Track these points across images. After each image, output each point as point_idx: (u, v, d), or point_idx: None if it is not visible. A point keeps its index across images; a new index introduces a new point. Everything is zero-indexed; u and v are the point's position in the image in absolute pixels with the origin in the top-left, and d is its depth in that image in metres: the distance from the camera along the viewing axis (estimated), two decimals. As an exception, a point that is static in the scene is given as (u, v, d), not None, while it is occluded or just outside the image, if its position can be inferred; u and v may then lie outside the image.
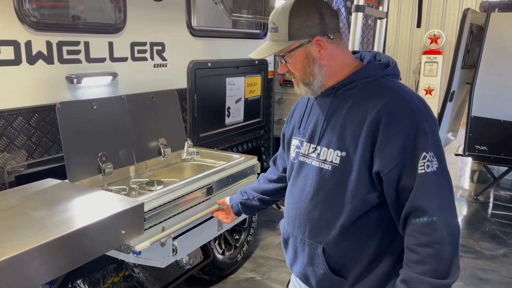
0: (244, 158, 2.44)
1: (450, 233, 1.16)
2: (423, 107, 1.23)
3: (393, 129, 1.17)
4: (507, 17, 4.62)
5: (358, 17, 1.87)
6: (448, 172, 1.21)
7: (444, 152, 1.22)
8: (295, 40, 1.24)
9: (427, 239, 1.15)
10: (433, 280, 1.14)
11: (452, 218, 1.19)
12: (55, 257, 1.35)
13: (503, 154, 4.75)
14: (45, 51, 1.93)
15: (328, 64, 1.28)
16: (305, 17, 1.22)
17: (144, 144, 2.37)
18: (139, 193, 2.07)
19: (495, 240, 4.00)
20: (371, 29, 4.76)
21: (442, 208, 1.17)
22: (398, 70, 1.32)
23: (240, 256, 3.33)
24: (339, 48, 1.29)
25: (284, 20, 1.23)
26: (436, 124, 1.23)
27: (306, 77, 1.29)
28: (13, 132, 1.85)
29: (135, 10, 2.32)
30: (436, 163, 1.16)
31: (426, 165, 1.15)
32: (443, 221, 1.16)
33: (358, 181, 1.24)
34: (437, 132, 1.21)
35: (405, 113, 1.18)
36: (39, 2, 2.05)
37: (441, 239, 1.15)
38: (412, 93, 1.26)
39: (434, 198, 1.16)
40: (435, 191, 1.16)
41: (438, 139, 1.20)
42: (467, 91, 5.09)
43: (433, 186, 1.16)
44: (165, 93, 2.56)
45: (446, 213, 1.17)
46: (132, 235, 1.62)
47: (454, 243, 1.17)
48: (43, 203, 1.62)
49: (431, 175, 1.15)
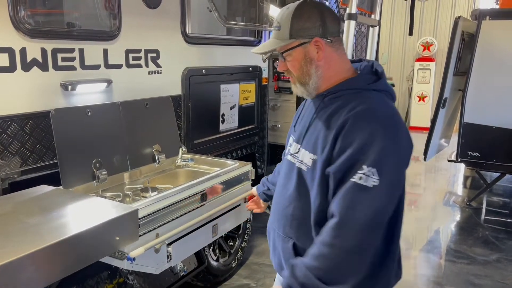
0: (238, 164, 2.45)
1: (354, 249, 1.17)
2: (390, 126, 1.21)
3: (350, 138, 1.19)
4: (498, 25, 4.68)
5: (351, 25, 1.90)
6: (389, 196, 1.18)
7: (398, 178, 1.20)
8: (296, 39, 1.29)
9: (330, 240, 1.18)
10: (312, 277, 1.17)
11: (363, 235, 1.16)
12: (49, 264, 1.35)
13: (495, 160, 4.80)
14: (40, 58, 1.94)
15: (324, 66, 1.31)
16: (307, 19, 1.28)
17: (139, 151, 2.38)
18: (133, 200, 2.07)
19: (488, 245, 4.02)
20: (364, 36, 4.81)
21: (356, 221, 1.16)
22: (386, 85, 1.32)
23: (235, 262, 3.33)
24: (337, 53, 1.32)
25: (287, 20, 1.29)
26: (401, 147, 1.21)
27: (303, 77, 1.33)
28: (7, 138, 1.85)
29: (130, 17, 2.33)
30: (375, 182, 1.15)
31: (359, 176, 1.15)
32: (351, 234, 1.16)
33: (320, 184, 1.28)
34: (395, 154, 1.19)
35: (366, 126, 1.19)
36: (34, 9, 2.06)
37: (341, 247, 1.17)
38: (386, 110, 1.25)
39: (353, 209, 1.16)
40: (358, 204, 1.16)
41: (392, 160, 1.18)
42: (459, 98, 5.14)
43: (353, 197, 1.16)
44: (160, 100, 2.57)
45: (359, 229, 1.16)
46: (126, 241, 1.62)
47: (354, 260, 1.17)
48: (37, 209, 1.62)
49: (360, 187, 1.15)
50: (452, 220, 4.79)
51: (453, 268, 3.60)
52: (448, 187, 5.97)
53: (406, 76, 10.09)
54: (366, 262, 1.19)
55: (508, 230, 4.39)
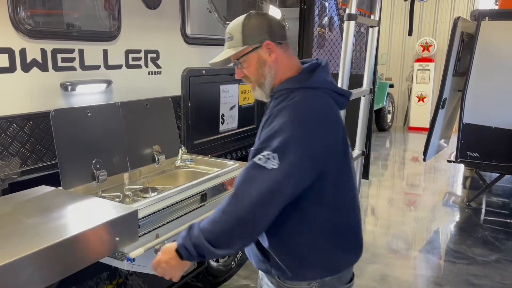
0: (238, 164, 2.45)
1: (237, 217, 1.26)
2: (302, 120, 1.29)
3: (269, 125, 1.32)
4: (497, 26, 4.69)
5: (351, 25, 1.90)
6: (280, 182, 1.24)
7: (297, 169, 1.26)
8: (249, 45, 1.41)
9: (223, 206, 1.29)
10: (203, 239, 1.28)
11: (249, 206, 1.25)
12: (49, 265, 1.35)
13: (494, 160, 4.80)
14: (39, 59, 1.94)
15: (276, 67, 1.42)
16: (256, 26, 1.41)
17: (138, 151, 2.38)
18: (133, 200, 2.07)
19: (487, 246, 4.03)
20: (364, 37, 4.81)
21: (245, 192, 1.26)
22: (318, 82, 1.38)
23: (234, 263, 3.33)
24: (285, 54, 1.43)
25: (238, 29, 1.42)
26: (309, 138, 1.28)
27: (259, 79, 1.44)
28: (7, 139, 1.85)
29: (129, 18, 2.34)
30: (275, 165, 1.24)
31: (258, 158, 1.26)
32: (237, 205, 1.26)
33: None
34: (301, 145, 1.26)
35: (283, 117, 1.30)
36: (34, 9, 2.06)
37: (228, 212, 1.27)
38: (304, 106, 1.32)
39: (243, 182, 1.28)
40: (248, 177, 1.27)
41: (297, 152, 1.25)
42: (459, 99, 5.14)
43: (250, 174, 1.27)
44: (160, 100, 2.57)
45: (236, 201, 1.27)
46: (126, 242, 1.62)
47: (237, 228, 1.27)
48: (37, 210, 1.62)
49: (257, 166, 1.26)
50: (451, 220, 4.79)
51: (452, 269, 3.60)
52: (447, 188, 5.98)
53: (406, 77, 10.10)
54: (253, 233, 1.30)
55: (507, 230, 4.39)
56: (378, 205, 5.20)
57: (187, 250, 1.32)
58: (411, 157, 7.62)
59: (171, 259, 1.38)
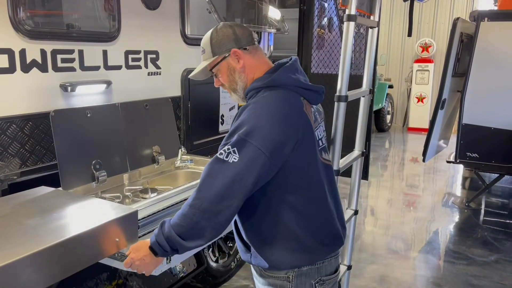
0: (237, 165, 2.45)
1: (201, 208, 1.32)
2: (260, 116, 1.35)
3: (233, 123, 1.40)
4: (496, 27, 4.70)
5: (350, 26, 1.90)
6: (239, 174, 1.31)
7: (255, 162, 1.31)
8: (218, 55, 1.52)
9: (189, 200, 1.36)
10: (173, 233, 1.35)
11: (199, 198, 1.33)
12: (48, 265, 1.35)
13: (493, 161, 4.81)
14: (39, 59, 1.94)
15: (245, 71, 1.52)
16: (222, 37, 1.52)
17: (138, 152, 2.38)
18: (133, 201, 2.07)
19: (487, 246, 4.03)
20: (363, 38, 4.81)
21: (207, 184, 1.33)
22: (279, 81, 1.44)
23: (234, 263, 3.32)
24: (254, 58, 1.53)
25: (208, 42, 1.54)
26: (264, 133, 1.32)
27: (232, 85, 1.54)
28: (7, 140, 1.85)
29: (129, 18, 2.34)
30: (235, 159, 1.31)
31: (220, 152, 1.34)
32: (201, 194, 1.33)
33: None
34: (258, 138, 1.31)
35: (243, 114, 1.38)
36: (34, 10, 2.06)
37: (193, 205, 1.33)
38: (261, 104, 1.39)
39: (205, 175, 1.34)
40: (210, 170, 1.34)
41: (255, 144, 1.31)
42: (458, 99, 5.15)
43: (212, 167, 1.34)
44: (159, 101, 2.57)
45: (201, 193, 1.33)
46: (126, 242, 1.62)
47: (203, 217, 1.32)
48: (37, 211, 1.62)
49: (218, 160, 1.33)
50: (451, 221, 4.79)
51: (452, 269, 3.61)
52: (447, 188, 5.98)
53: (405, 77, 10.11)
54: (220, 224, 1.34)
55: (507, 231, 4.40)
56: (377, 206, 5.21)
57: (161, 246, 1.37)
58: (410, 157, 7.62)
59: (145, 256, 1.41)
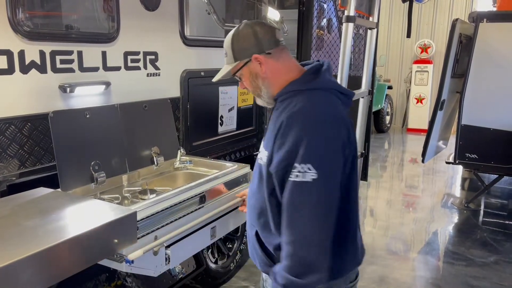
0: (237, 166, 2.45)
1: (307, 239, 1.26)
2: (319, 121, 1.30)
3: (283, 138, 1.31)
4: (495, 28, 4.70)
5: (349, 27, 1.90)
6: (328, 186, 1.26)
7: (332, 168, 1.28)
8: (239, 60, 1.45)
9: (286, 239, 1.30)
10: (288, 276, 1.28)
11: (311, 225, 1.26)
12: (47, 267, 1.35)
13: (493, 162, 4.81)
14: (38, 60, 1.94)
15: (270, 76, 1.44)
16: (243, 41, 1.44)
17: (137, 153, 2.37)
18: (132, 202, 2.07)
19: (486, 247, 4.03)
20: (363, 39, 4.82)
21: (302, 215, 1.27)
22: (324, 83, 1.40)
23: (233, 265, 3.32)
24: (279, 61, 1.44)
25: (229, 46, 1.47)
26: (332, 140, 1.29)
27: (255, 91, 1.49)
28: (5, 141, 1.85)
29: (128, 19, 2.34)
30: (314, 175, 1.24)
31: (295, 174, 1.26)
32: (300, 227, 1.27)
33: (267, 177, 1.39)
34: (327, 147, 1.27)
35: (295, 125, 1.30)
36: (33, 11, 2.06)
37: (296, 241, 1.27)
38: (315, 108, 1.33)
39: (295, 205, 1.27)
40: (298, 199, 1.27)
41: (324, 153, 1.26)
42: (457, 100, 5.15)
43: (297, 194, 1.27)
44: (158, 102, 2.57)
45: (305, 221, 1.26)
46: (124, 244, 1.62)
47: (311, 248, 1.26)
48: (35, 212, 1.62)
49: (299, 184, 1.25)
50: (450, 222, 4.80)
51: (451, 270, 3.61)
52: (446, 189, 5.98)
53: (404, 78, 10.12)
54: (327, 248, 1.28)
55: (506, 231, 4.40)
56: (376, 207, 5.21)
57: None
58: (409, 158, 7.63)
59: None
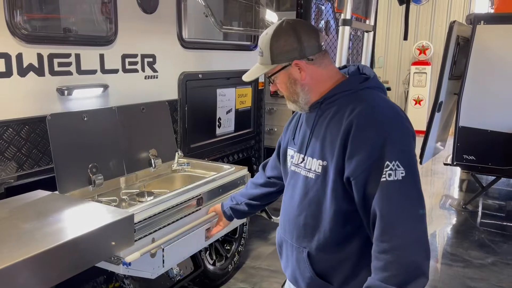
0: (234, 168, 2.46)
1: (412, 240, 1.18)
2: (394, 117, 1.26)
3: (361, 138, 1.23)
4: (492, 30, 4.71)
5: (346, 30, 1.91)
6: (417, 181, 1.23)
7: (415, 162, 1.24)
8: (277, 63, 1.33)
9: (387, 246, 1.18)
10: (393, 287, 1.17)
11: (413, 225, 1.19)
12: (45, 269, 1.35)
13: (490, 163, 4.81)
14: (36, 63, 1.94)
15: (310, 83, 1.35)
16: (284, 43, 1.31)
17: (135, 155, 2.38)
18: (130, 204, 2.07)
19: (484, 248, 4.04)
20: (360, 40, 4.83)
21: (402, 216, 1.19)
22: (377, 82, 1.37)
23: (231, 266, 3.33)
24: (320, 67, 1.35)
25: (267, 46, 1.33)
26: (409, 134, 1.26)
27: (291, 96, 1.38)
28: (3, 143, 1.85)
29: (126, 22, 2.34)
30: (402, 172, 1.19)
31: (388, 173, 1.19)
32: (402, 229, 1.18)
33: (334, 189, 1.29)
34: (407, 141, 1.24)
35: (373, 123, 1.23)
36: (30, 14, 2.07)
37: (400, 245, 1.17)
38: (385, 104, 1.30)
39: (394, 206, 1.19)
40: (396, 199, 1.19)
41: (407, 148, 1.23)
42: (455, 102, 5.16)
43: (394, 194, 1.19)
44: (156, 104, 2.58)
45: (407, 221, 1.19)
46: (122, 246, 1.62)
47: (417, 250, 1.18)
48: (33, 214, 1.62)
49: (393, 183, 1.19)
50: (448, 223, 4.80)
51: (449, 272, 3.61)
52: (444, 191, 5.99)
53: (402, 80, 10.14)
54: (426, 247, 1.20)
55: (504, 233, 4.40)
56: (375, 208, 5.21)
57: None
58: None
59: None
